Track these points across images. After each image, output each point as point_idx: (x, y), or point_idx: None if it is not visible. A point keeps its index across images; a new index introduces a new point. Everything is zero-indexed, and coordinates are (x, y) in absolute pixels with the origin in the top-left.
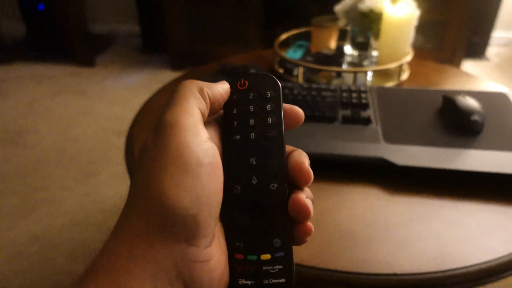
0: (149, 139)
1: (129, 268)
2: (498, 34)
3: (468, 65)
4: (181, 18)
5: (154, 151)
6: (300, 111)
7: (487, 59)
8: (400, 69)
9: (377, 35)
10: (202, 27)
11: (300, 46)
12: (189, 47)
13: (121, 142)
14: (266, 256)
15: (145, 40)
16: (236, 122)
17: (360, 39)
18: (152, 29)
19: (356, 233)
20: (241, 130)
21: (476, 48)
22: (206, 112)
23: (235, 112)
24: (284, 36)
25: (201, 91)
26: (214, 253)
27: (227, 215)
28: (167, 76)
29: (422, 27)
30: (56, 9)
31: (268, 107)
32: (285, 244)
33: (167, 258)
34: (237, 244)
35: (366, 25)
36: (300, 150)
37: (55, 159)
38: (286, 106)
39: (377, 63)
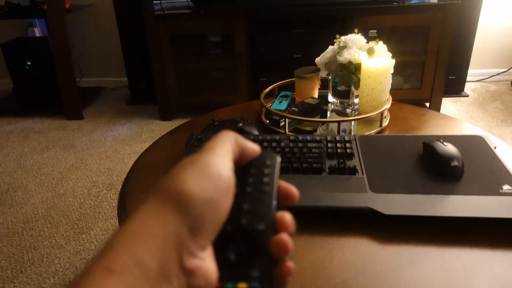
0: (186, 158)
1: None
2: (473, 71)
3: (449, 102)
4: (170, 70)
5: (185, 162)
6: (295, 192)
7: (466, 94)
8: (381, 116)
9: (357, 85)
10: (190, 78)
11: (284, 97)
12: (178, 98)
13: (111, 196)
14: (242, 285)
15: (133, 92)
16: (238, 178)
17: (341, 87)
18: (140, 81)
19: (348, 282)
20: (241, 185)
21: (454, 85)
22: (236, 157)
23: (240, 171)
24: (268, 89)
25: (236, 140)
26: (206, 261)
27: (215, 244)
28: (156, 126)
29: (402, 69)
30: (43, 65)
31: (266, 171)
32: (263, 276)
33: (173, 234)
34: (219, 272)
35: (346, 76)
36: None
37: (44, 217)
38: (284, 184)
39: (358, 111)
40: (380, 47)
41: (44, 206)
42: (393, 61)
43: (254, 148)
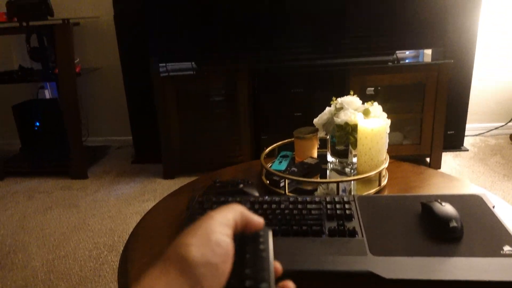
0: (190, 225)
1: None
2: (471, 126)
3: (449, 157)
4: (175, 128)
5: (188, 228)
6: (279, 266)
7: (465, 149)
8: (379, 176)
9: (354, 145)
10: (194, 136)
11: (284, 157)
12: (182, 156)
13: (112, 258)
14: None
15: (137, 150)
16: (237, 245)
17: (339, 147)
18: (144, 140)
19: None
20: (240, 251)
21: (453, 140)
22: (239, 227)
23: (238, 239)
24: (268, 149)
25: (242, 213)
26: None
27: None
28: (159, 185)
29: (401, 125)
30: (51, 126)
31: (261, 239)
32: None
33: None
34: None
35: (343, 137)
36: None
37: (43, 281)
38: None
39: (357, 170)
40: (375, 108)
41: (44, 269)
42: (388, 122)
43: (259, 221)
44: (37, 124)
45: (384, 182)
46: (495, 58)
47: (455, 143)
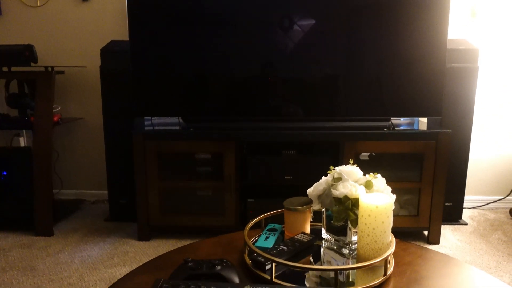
0: None
1: None
2: (469, 198)
3: (448, 230)
4: (154, 187)
5: None
6: None
7: (464, 222)
8: (385, 263)
9: (354, 223)
10: (175, 197)
11: (272, 230)
12: (160, 217)
13: None
14: None
15: (112, 207)
16: None
17: (336, 223)
18: (121, 196)
19: None
20: None
21: (451, 212)
22: None
23: None
24: (253, 222)
25: None
26: None
27: None
28: (132, 247)
29: (397, 195)
30: (20, 176)
31: None
32: None
33: None
34: None
35: (342, 212)
36: None
37: None
38: None
39: (357, 254)
40: (379, 181)
41: None
42: (394, 197)
43: None
44: (4, 173)
45: (390, 270)
46: (493, 129)
47: (453, 215)
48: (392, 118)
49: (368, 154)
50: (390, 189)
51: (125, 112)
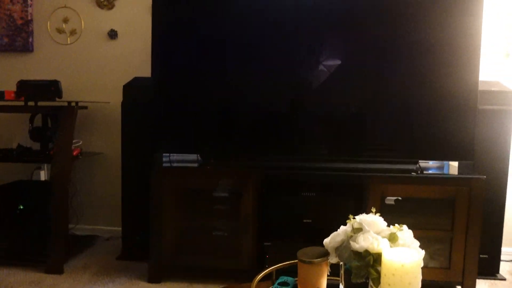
0: None
1: None
2: (506, 249)
3: (483, 286)
4: (168, 226)
5: None
6: None
7: (502, 277)
8: None
9: (377, 282)
10: (189, 238)
11: (284, 285)
12: (173, 257)
13: None
14: None
15: (126, 245)
16: None
17: (356, 280)
18: (135, 233)
19: None
20: None
21: (487, 265)
22: None
23: None
24: (263, 274)
25: None
26: None
27: None
28: None
29: (426, 244)
30: (36, 211)
31: None
32: None
33: None
34: None
35: (362, 269)
36: None
37: None
38: None
39: None
40: (405, 234)
41: None
42: (422, 253)
43: None
44: (21, 207)
45: None
46: None
47: (489, 269)
48: (420, 161)
49: (394, 198)
50: (418, 243)
51: (143, 148)
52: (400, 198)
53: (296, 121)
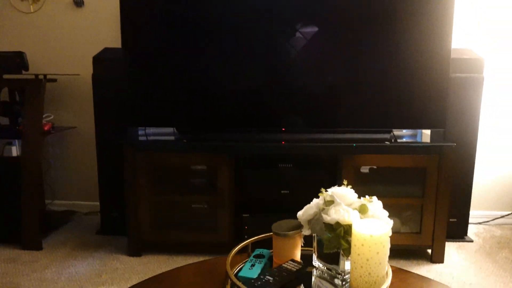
0: None
1: None
2: (474, 213)
3: (452, 248)
4: (144, 202)
5: None
6: None
7: (470, 239)
8: None
9: (347, 252)
10: (167, 212)
11: (259, 257)
12: (151, 232)
13: None
14: None
15: (104, 220)
16: None
17: (327, 251)
18: (113, 209)
19: None
20: None
21: (456, 228)
22: None
23: None
24: (238, 248)
25: None
26: None
27: None
28: (122, 263)
29: (398, 211)
30: (9, 187)
31: None
32: None
33: None
34: None
35: (333, 240)
36: None
37: None
38: None
39: (350, 285)
40: (375, 205)
41: None
42: (391, 223)
43: None
44: None
45: None
46: (500, 141)
47: (458, 232)
48: (394, 130)
49: (369, 167)
50: (387, 213)
51: (118, 121)
52: (374, 167)
53: (272, 95)
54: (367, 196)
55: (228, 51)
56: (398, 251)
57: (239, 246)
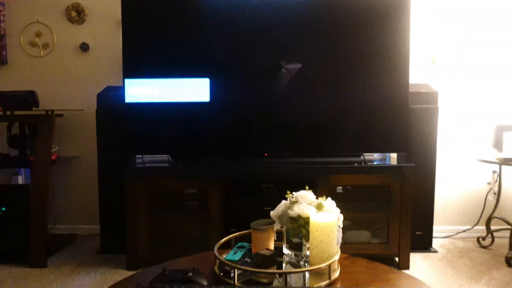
0: None
1: None
2: (440, 228)
3: (418, 257)
4: (143, 224)
5: None
6: None
7: (434, 250)
8: (329, 269)
9: (306, 237)
10: (164, 233)
11: (240, 248)
12: (149, 251)
13: None
14: None
15: (104, 240)
16: None
17: (294, 239)
18: (113, 229)
19: None
20: None
21: (422, 240)
22: None
23: None
24: (223, 240)
25: None
26: None
27: None
28: (121, 276)
29: (369, 224)
30: (17, 212)
31: None
32: None
33: None
34: None
35: (296, 229)
36: None
37: None
38: None
39: (310, 263)
40: (329, 203)
41: None
42: (340, 216)
43: None
44: (3, 209)
45: (335, 275)
46: (458, 163)
47: (424, 244)
48: (365, 154)
49: (341, 187)
50: (338, 210)
51: (118, 151)
52: (348, 187)
53: (255, 126)
54: (324, 196)
55: (217, 92)
56: (370, 259)
57: (224, 239)
